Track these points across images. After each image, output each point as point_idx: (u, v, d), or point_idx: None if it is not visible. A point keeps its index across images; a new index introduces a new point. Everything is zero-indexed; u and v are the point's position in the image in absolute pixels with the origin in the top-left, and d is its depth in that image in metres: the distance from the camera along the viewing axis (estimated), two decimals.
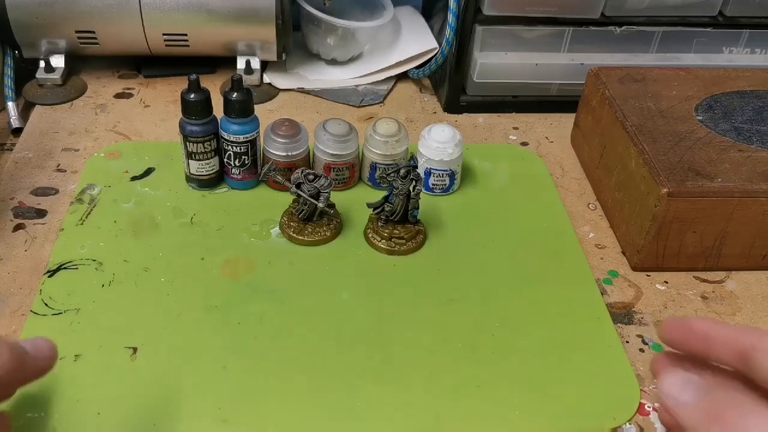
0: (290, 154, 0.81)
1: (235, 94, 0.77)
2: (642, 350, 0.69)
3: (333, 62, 1.09)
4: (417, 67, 1.06)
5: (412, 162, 0.76)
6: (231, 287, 0.72)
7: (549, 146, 0.97)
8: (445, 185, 0.85)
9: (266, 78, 1.05)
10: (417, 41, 1.08)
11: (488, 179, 0.89)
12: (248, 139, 0.79)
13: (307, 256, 0.76)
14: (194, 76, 0.75)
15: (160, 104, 0.99)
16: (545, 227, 0.82)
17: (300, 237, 0.77)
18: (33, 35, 0.97)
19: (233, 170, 0.82)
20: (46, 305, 0.68)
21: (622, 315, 0.73)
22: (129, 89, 1.02)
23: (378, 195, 0.80)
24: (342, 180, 0.84)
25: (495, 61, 0.98)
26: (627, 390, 0.65)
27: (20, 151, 0.88)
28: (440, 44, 0.99)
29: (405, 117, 1.01)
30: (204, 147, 0.79)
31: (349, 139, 0.81)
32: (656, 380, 0.48)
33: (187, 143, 0.79)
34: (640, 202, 0.75)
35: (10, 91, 0.96)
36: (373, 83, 1.07)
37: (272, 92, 1.04)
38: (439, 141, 0.82)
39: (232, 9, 0.96)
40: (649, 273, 0.78)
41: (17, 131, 0.92)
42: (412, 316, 0.70)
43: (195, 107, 0.76)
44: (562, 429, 0.62)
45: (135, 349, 0.65)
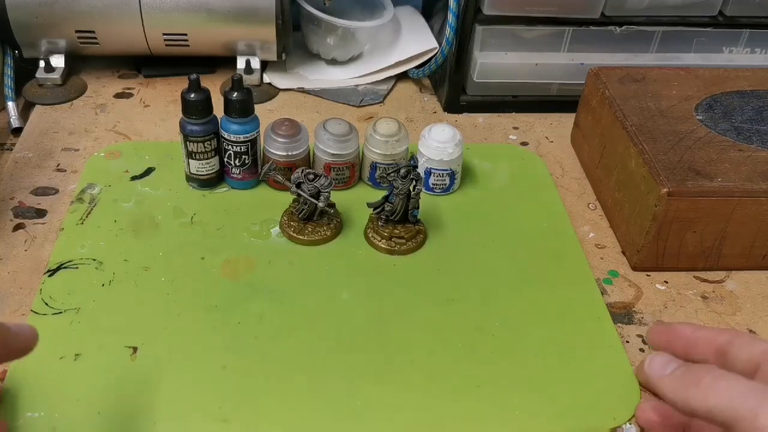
0: (290, 154, 0.81)
1: (236, 94, 0.77)
2: (642, 350, 0.69)
3: (333, 62, 1.09)
4: (417, 67, 1.06)
5: (413, 162, 0.76)
6: (231, 287, 0.72)
7: (549, 146, 0.97)
8: (445, 185, 0.85)
9: (266, 78, 1.05)
10: (417, 41, 1.07)
11: (488, 179, 0.89)
12: (248, 139, 0.79)
13: (308, 256, 0.76)
14: (194, 76, 0.75)
15: (160, 104, 0.99)
16: (545, 227, 0.82)
17: (300, 237, 0.77)
18: (33, 35, 0.97)
19: (233, 170, 0.82)
20: (46, 305, 0.68)
21: (622, 315, 0.72)
22: (129, 89, 1.02)
23: (378, 195, 0.80)
24: (342, 180, 0.84)
25: (495, 61, 0.98)
26: (627, 390, 0.64)
27: (20, 151, 0.88)
28: (440, 44, 0.99)
29: (405, 117, 1.01)
30: (204, 146, 0.79)
31: (350, 139, 0.81)
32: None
33: (188, 143, 0.79)
34: (640, 202, 0.75)
35: (10, 91, 0.96)
36: (373, 83, 1.06)
37: (272, 92, 1.04)
38: (439, 141, 0.82)
39: (232, 9, 0.96)
40: (649, 273, 0.77)
41: (17, 131, 0.92)
42: (412, 316, 0.70)
43: (195, 107, 0.76)
44: (562, 429, 0.62)
45: (135, 349, 0.65)
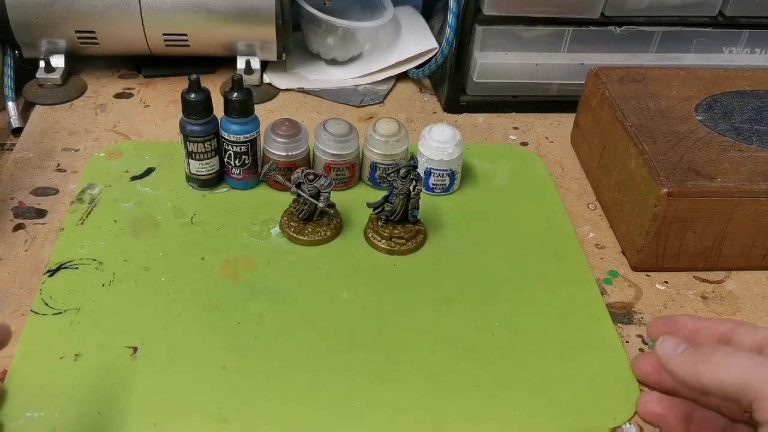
0: (290, 154, 0.81)
1: (236, 94, 0.77)
2: (642, 350, 0.69)
3: (333, 62, 1.09)
4: (417, 67, 1.06)
5: (413, 162, 0.76)
6: (231, 287, 0.72)
7: (549, 146, 0.97)
8: (445, 185, 0.85)
9: (266, 78, 1.05)
10: (417, 41, 1.07)
11: (488, 179, 0.89)
12: (248, 139, 0.79)
13: (307, 256, 0.76)
14: (194, 76, 0.75)
15: (160, 104, 0.99)
16: (545, 227, 0.82)
17: (300, 237, 0.77)
18: (33, 35, 0.97)
19: (233, 170, 0.82)
20: (47, 305, 0.68)
21: (622, 315, 0.72)
22: (129, 89, 1.02)
23: (378, 195, 0.80)
24: (342, 180, 0.84)
25: (495, 61, 0.98)
26: (627, 390, 0.64)
27: (20, 151, 0.88)
28: (440, 44, 0.99)
29: (405, 117, 1.01)
30: (204, 147, 0.79)
31: (349, 139, 0.81)
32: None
33: (188, 143, 0.79)
34: (640, 202, 0.75)
35: (10, 91, 0.95)
36: (373, 83, 1.06)
37: (272, 92, 1.03)
38: (439, 141, 0.82)
39: (232, 9, 0.96)
40: (649, 273, 0.77)
41: (17, 131, 0.92)
42: (412, 316, 0.70)
43: (195, 107, 0.76)
44: (562, 429, 0.62)
45: (135, 349, 0.65)
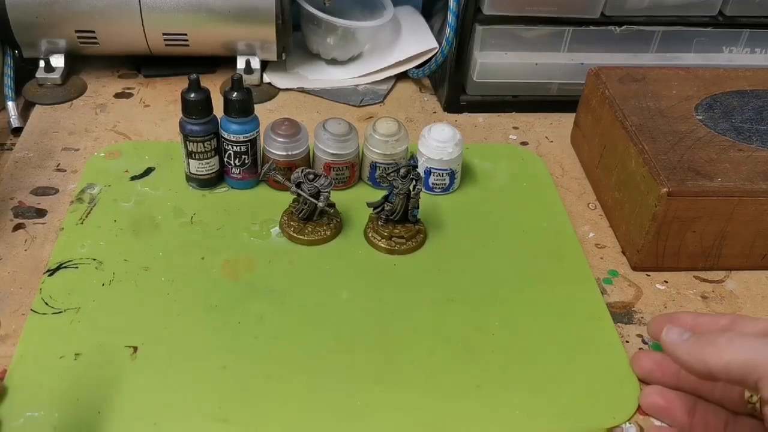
0: (290, 154, 0.81)
1: (235, 94, 0.76)
2: (641, 350, 0.68)
3: (333, 62, 1.09)
4: (417, 67, 1.06)
5: (412, 161, 0.76)
6: (231, 287, 0.72)
7: (549, 146, 0.97)
8: (445, 185, 0.85)
9: (266, 78, 1.05)
10: (417, 41, 1.07)
11: (488, 179, 0.89)
12: (248, 139, 0.79)
13: (307, 256, 0.76)
14: (194, 76, 0.75)
15: (160, 104, 0.99)
16: (545, 227, 0.82)
17: (300, 236, 0.77)
18: (33, 35, 0.97)
19: (233, 170, 0.82)
20: (46, 304, 0.68)
21: (622, 315, 0.72)
22: (129, 89, 1.02)
23: (378, 194, 0.79)
24: (342, 179, 0.84)
25: (495, 61, 0.98)
26: (627, 389, 0.64)
27: (20, 151, 0.88)
28: (440, 44, 0.99)
29: (405, 117, 1.00)
30: (204, 146, 0.79)
31: (349, 139, 0.81)
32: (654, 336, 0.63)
33: (187, 143, 0.79)
34: (640, 202, 0.75)
35: (10, 91, 0.95)
36: (373, 83, 1.06)
37: (272, 92, 1.03)
38: (439, 140, 0.82)
39: (232, 9, 0.96)
40: (649, 273, 0.77)
41: (17, 131, 0.92)
42: (412, 316, 0.70)
43: (195, 106, 0.76)
44: (562, 428, 0.62)
45: (135, 349, 0.65)
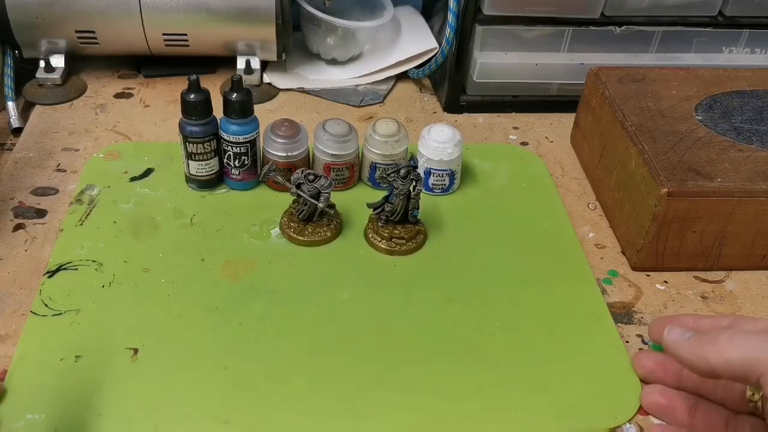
0: (290, 155, 0.80)
1: (235, 95, 0.76)
2: (642, 350, 0.68)
3: (333, 62, 1.08)
4: (417, 67, 1.05)
5: (412, 162, 0.75)
6: (231, 288, 0.71)
7: (549, 146, 0.96)
8: (445, 185, 0.84)
9: (266, 78, 1.04)
10: (417, 41, 1.07)
11: (488, 179, 0.88)
12: (248, 140, 0.79)
13: (308, 257, 0.76)
14: (194, 77, 0.75)
15: (160, 104, 0.99)
16: (545, 227, 0.82)
17: (300, 237, 0.76)
18: (33, 35, 0.96)
19: (233, 171, 0.81)
20: (46, 306, 0.68)
21: (622, 315, 0.72)
22: (129, 89, 1.02)
23: (378, 195, 0.79)
24: (342, 180, 0.83)
25: (495, 61, 0.97)
26: (627, 389, 0.64)
27: (20, 151, 0.88)
28: (440, 44, 0.98)
29: (405, 117, 1.00)
30: (204, 147, 0.79)
31: (349, 139, 0.81)
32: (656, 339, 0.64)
33: (187, 144, 0.78)
34: (640, 202, 0.74)
35: (10, 91, 0.95)
36: (373, 83, 1.06)
37: (272, 92, 1.03)
38: (439, 141, 0.81)
39: (232, 9, 0.96)
40: (649, 273, 0.77)
41: (17, 131, 0.91)
42: (413, 317, 0.70)
43: (195, 107, 0.76)
44: (563, 429, 0.61)
45: (136, 350, 0.64)
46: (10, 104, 0.94)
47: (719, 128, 0.80)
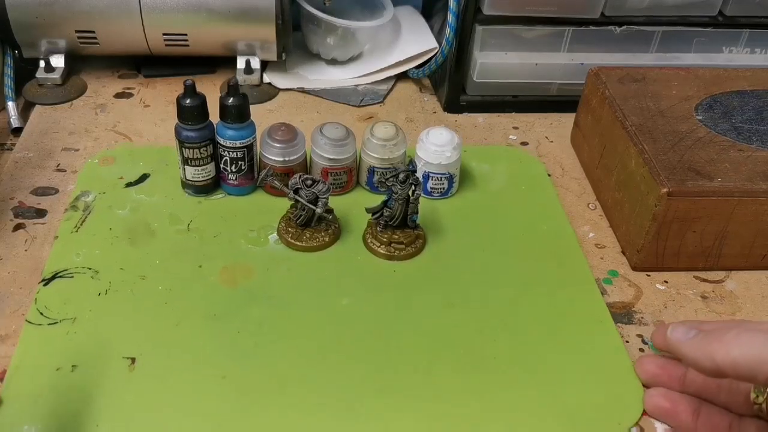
0: (287, 159, 0.78)
1: (231, 99, 0.74)
2: (642, 350, 0.67)
3: (333, 62, 1.07)
4: (417, 67, 1.04)
5: (411, 166, 0.74)
6: (229, 295, 0.69)
7: (549, 146, 0.95)
8: (444, 189, 0.82)
9: (266, 78, 1.03)
10: (417, 41, 1.06)
11: (486, 182, 0.87)
12: (245, 145, 0.77)
13: (306, 262, 0.74)
14: (190, 82, 0.73)
15: (160, 104, 0.97)
16: (545, 230, 0.80)
17: (298, 243, 0.75)
18: (33, 35, 0.95)
19: (230, 176, 0.79)
20: (42, 315, 0.66)
21: (622, 315, 0.71)
22: (129, 89, 1.00)
23: (376, 199, 0.77)
24: (340, 184, 0.82)
25: (495, 61, 0.96)
26: (630, 393, 0.63)
27: (20, 151, 0.86)
28: (440, 44, 0.97)
29: (405, 117, 0.99)
30: (200, 153, 0.76)
31: (347, 143, 0.79)
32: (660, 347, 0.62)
33: (183, 149, 0.76)
34: (640, 202, 0.73)
35: (10, 91, 0.94)
36: (373, 83, 1.05)
37: (272, 92, 1.02)
38: (438, 144, 0.80)
39: (232, 9, 0.94)
40: (649, 273, 0.76)
41: (17, 131, 0.90)
42: (413, 322, 0.69)
43: (191, 112, 0.74)
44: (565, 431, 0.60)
45: (133, 359, 0.63)
46: (10, 104, 0.93)
47: (719, 128, 0.79)
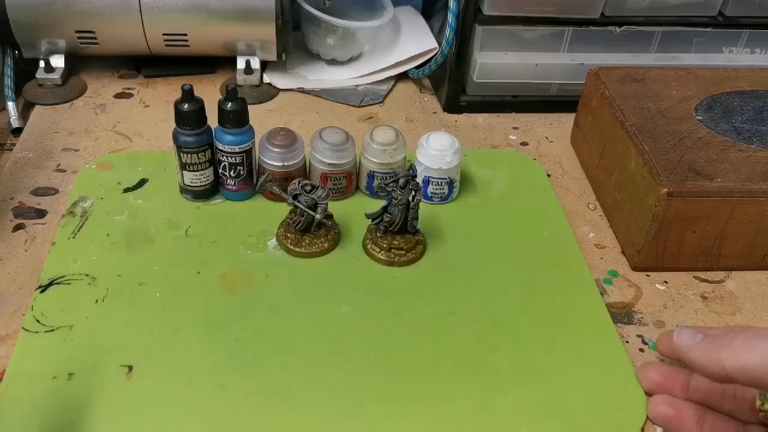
0: (286, 164, 0.76)
1: (230, 104, 0.72)
2: (642, 350, 0.66)
3: (333, 62, 1.05)
4: (417, 67, 1.02)
5: (411, 171, 0.72)
6: (228, 301, 0.67)
7: (549, 146, 0.93)
8: (444, 194, 0.80)
9: (266, 78, 1.01)
10: (417, 41, 1.04)
11: (487, 187, 0.85)
12: (243, 150, 0.75)
13: (305, 269, 0.72)
14: (188, 86, 0.71)
15: (160, 104, 0.96)
16: (545, 235, 0.78)
17: (297, 249, 0.72)
18: (33, 35, 0.94)
19: (228, 181, 0.77)
20: (38, 322, 0.64)
21: (622, 315, 0.70)
22: (129, 89, 0.99)
23: (375, 204, 0.75)
24: (339, 189, 0.79)
25: (495, 61, 0.95)
26: (633, 401, 0.61)
27: (20, 151, 0.85)
28: (440, 44, 0.95)
29: (405, 117, 0.97)
30: (198, 158, 0.74)
31: (346, 148, 0.77)
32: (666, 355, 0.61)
33: (181, 154, 0.74)
34: (640, 202, 0.72)
35: (10, 91, 0.92)
36: (373, 83, 1.03)
37: (272, 92, 1.00)
38: (438, 149, 0.77)
39: (232, 9, 0.93)
40: (649, 273, 0.75)
41: (17, 131, 0.89)
42: (414, 329, 0.67)
43: (189, 117, 0.72)
44: None
45: (130, 368, 0.61)
46: (10, 104, 0.91)
47: (719, 128, 0.78)
